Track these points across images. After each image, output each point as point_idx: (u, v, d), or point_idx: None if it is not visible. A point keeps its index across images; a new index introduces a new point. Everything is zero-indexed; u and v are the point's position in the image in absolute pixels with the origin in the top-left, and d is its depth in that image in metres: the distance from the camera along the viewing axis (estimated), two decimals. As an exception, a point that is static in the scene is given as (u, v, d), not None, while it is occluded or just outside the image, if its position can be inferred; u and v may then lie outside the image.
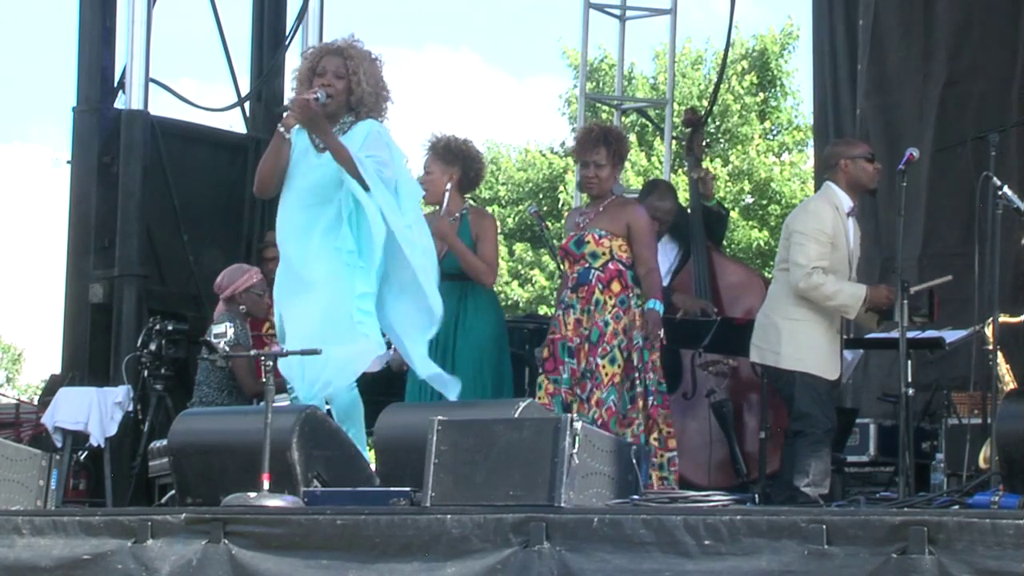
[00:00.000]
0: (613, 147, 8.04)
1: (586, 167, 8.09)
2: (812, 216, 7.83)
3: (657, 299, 7.92)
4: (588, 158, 8.05)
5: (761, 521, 5.32)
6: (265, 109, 11.67)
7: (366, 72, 7.29)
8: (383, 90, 7.36)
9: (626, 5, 12.96)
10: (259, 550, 6.11)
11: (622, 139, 8.25)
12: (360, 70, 7.27)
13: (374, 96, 7.30)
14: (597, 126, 8.43)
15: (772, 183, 26.66)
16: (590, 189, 8.13)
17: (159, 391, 9.68)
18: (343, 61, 7.29)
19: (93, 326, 10.50)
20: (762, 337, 7.86)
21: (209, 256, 10.91)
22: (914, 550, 5.05)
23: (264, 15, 11.73)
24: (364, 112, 7.30)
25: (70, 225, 10.80)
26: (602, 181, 8.06)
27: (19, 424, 12.52)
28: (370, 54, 7.37)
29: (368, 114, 7.30)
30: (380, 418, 6.94)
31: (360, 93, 7.27)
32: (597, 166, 8.04)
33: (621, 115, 14.01)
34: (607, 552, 5.49)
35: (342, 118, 7.30)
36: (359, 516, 6.00)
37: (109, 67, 10.87)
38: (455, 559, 5.72)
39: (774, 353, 7.80)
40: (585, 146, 8.07)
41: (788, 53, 27.93)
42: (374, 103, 7.32)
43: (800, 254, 7.72)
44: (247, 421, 7.07)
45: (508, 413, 6.42)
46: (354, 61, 7.29)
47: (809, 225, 7.79)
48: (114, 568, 6.38)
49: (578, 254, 8.00)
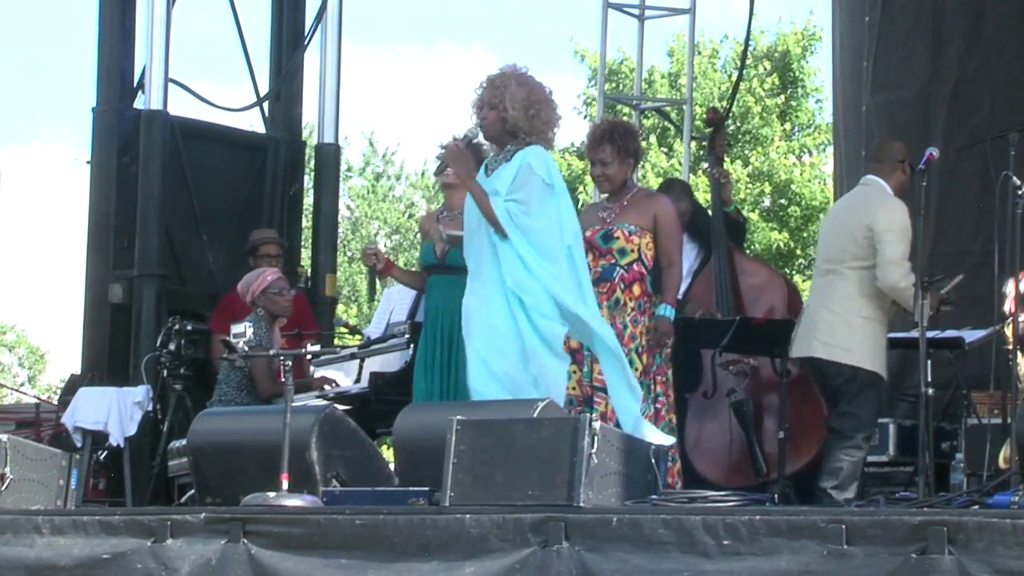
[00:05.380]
0: (618, 143, 7.99)
1: (593, 166, 8.08)
2: (897, 213, 7.84)
3: (670, 304, 7.91)
4: (594, 156, 8.03)
5: (780, 521, 5.31)
6: (284, 109, 11.68)
7: (512, 97, 7.29)
8: (538, 110, 7.33)
9: (645, 4, 12.94)
10: (278, 550, 6.12)
11: (628, 134, 8.17)
12: (506, 96, 7.30)
13: (526, 119, 7.30)
14: (604, 122, 8.36)
15: (792, 184, 26.62)
16: (601, 187, 8.12)
17: (178, 391, 9.68)
18: (493, 91, 7.34)
19: (113, 326, 10.51)
20: (828, 333, 7.80)
21: (228, 256, 10.92)
22: (934, 550, 5.03)
23: (283, 14, 11.73)
24: (523, 137, 7.32)
25: (90, 225, 10.82)
26: (610, 178, 8.02)
27: (39, 424, 12.55)
28: (518, 77, 7.37)
29: (527, 138, 7.31)
30: (399, 418, 6.94)
31: (512, 119, 7.30)
32: (603, 164, 8.01)
33: (640, 115, 14.00)
34: (626, 552, 5.49)
35: (506, 146, 7.36)
36: (378, 516, 6.00)
37: (128, 67, 10.88)
38: (474, 559, 5.72)
39: (845, 350, 7.77)
40: (591, 145, 8.06)
41: (810, 54, 27.88)
42: (530, 125, 7.31)
43: (894, 251, 7.71)
44: (266, 421, 7.08)
45: (527, 413, 6.41)
46: (500, 89, 7.33)
47: (896, 223, 7.79)
48: (134, 567, 6.40)
49: (605, 249, 7.95)
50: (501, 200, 7.19)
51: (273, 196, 11.36)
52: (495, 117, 7.31)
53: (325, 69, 11.66)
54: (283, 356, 7.50)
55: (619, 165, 8.00)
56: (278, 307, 9.30)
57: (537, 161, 7.24)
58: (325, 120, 11.74)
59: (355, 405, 8.58)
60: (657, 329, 7.85)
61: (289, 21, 11.73)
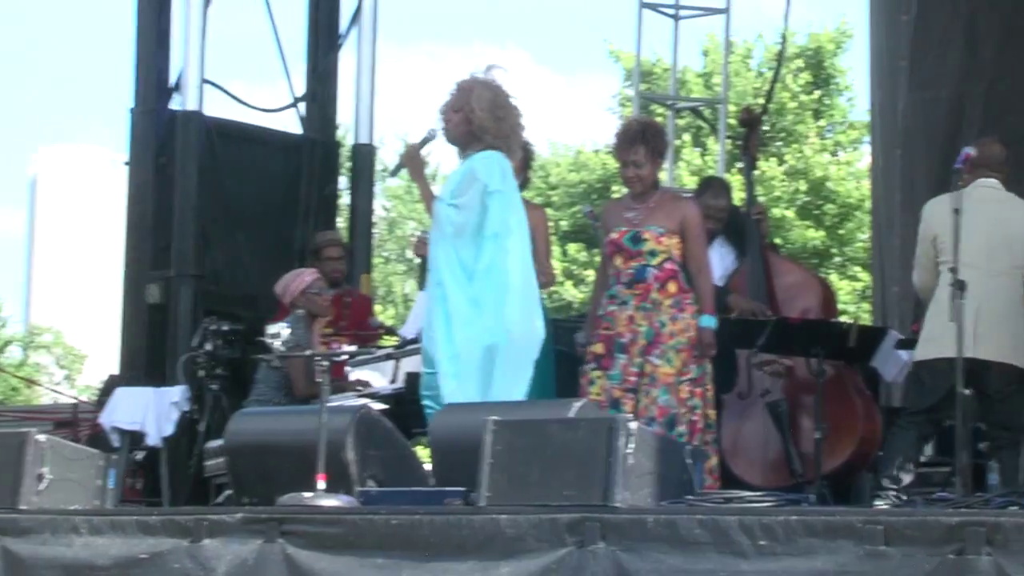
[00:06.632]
0: (651, 144, 8.00)
1: (626, 167, 8.05)
2: None
3: (710, 312, 7.92)
4: (627, 158, 8.02)
5: (817, 521, 5.30)
6: (319, 109, 11.69)
7: (478, 99, 7.41)
8: (505, 113, 7.46)
9: (679, 4, 12.93)
10: (314, 549, 6.13)
11: (660, 134, 8.17)
12: (472, 98, 7.41)
13: (493, 121, 7.41)
14: (635, 123, 8.32)
15: (827, 182, 26.55)
16: (633, 187, 8.09)
17: (215, 391, 9.72)
18: (459, 93, 7.47)
19: (150, 326, 10.53)
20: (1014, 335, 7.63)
21: (264, 256, 10.95)
22: (971, 551, 5.02)
23: (318, 15, 11.75)
24: (488, 139, 7.42)
25: (127, 226, 10.85)
26: (643, 179, 8.02)
27: (77, 424, 12.62)
28: (485, 82, 7.49)
29: (493, 141, 7.41)
30: (434, 418, 6.95)
31: (478, 121, 7.40)
32: (636, 165, 8.00)
33: (675, 115, 13.98)
34: (662, 552, 5.48)
35: (470, 148, 7.46)
36: (414, 516, 6.01)
37: (165, 69, 10.91)
38: (510, 559, 5.73)
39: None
40: (623, 145, 8.04)
41: (843, 51, 27.82)
42: (497, 128, 7.43)
43: None
44: (302, 421, 7.10)
45: (563, 413, 6.41)
46: (465, 92, 7.45)
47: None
48: (171, 567, 6.42)
49: (634, 250, 7.95)
50: (443, 204, 7.37)
51: (308, 197, 11.37)
52: (459, 119, 7.44)
53: (360, 69, 11.69)
54: (319, 357, 7.52)
55: (651, 166, 8.01)
56: (317, 307, 9.33)
57: (482, 167, 7.37)
58: (360, 120, 11.76)
59: (390, 405, 8.60)
60: (702, 341, 7.87)
61: (324, 21, 11.75)
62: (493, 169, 7.40)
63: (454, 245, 7.35)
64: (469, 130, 7.43)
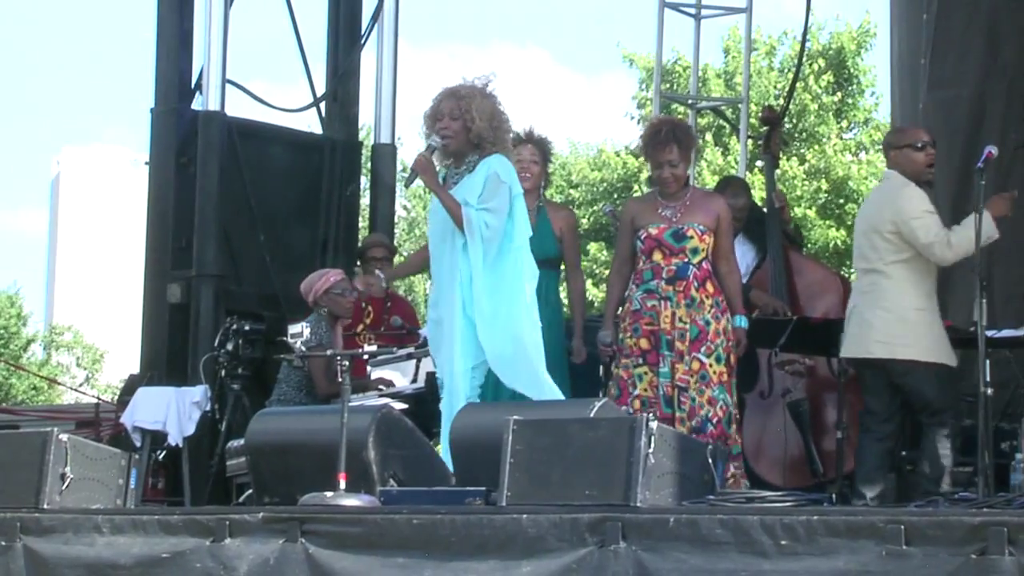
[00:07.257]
0: (683, 142, 8.02)
1: (660, 167, 8.03)
2: (915, 200, 7.77)
3: (742, 313, 8.00)
4: (661, 159, 8.00)
5: (839, 521, 5.29)
6: (340, 109, 11.71)
7: (479, 108, 7.46)
8: (501, 121, 7.52)
9: (701, 4, 12.91)
10: (336, 549, 6.14)
11: (688, 131, 8.24)
12: (472, 107, 7.44)
13: (491, 130, 7.46)
14: (664, 123, 8.30)
15: (849, 181, 26.51)
16: (668, 187, 8.07)
17: (236, 391, 9.74)
18: (457, 102, 7.47)
19: (171, 326, 10.55)
20: (884, 331, 7.73)
21: (285, 256, 10.96)
22: (994, 551, 5.01)
23: (339, 15, 11.76)
24: (487, 147, 7.47)
25: (148, 226, 10.87)
26: (678, 179, 8.04)
27: (99, 423, 12.65)
28: (483, 89, 7.54)
29: (492, 148, 7.47)
30: (456, 418, 6.95)
31: (477, 130, 7.43)
32: (671, 165, 8.00)
33: (696, 114, 13.96)
34: (683, 552, 5.48)
35: (467, 157, 7.50)
36: (435, 515, 6.01)
37: (186, 69, 10.94)
38: (531, 558, 5.73)
39: (905, 346, 7.72)
40: (656, 146, 8.02)
41: (865, 51, 27.76)
42: (494, 136, 7.48)
43: (927, 235, 7.66)
44: (324, 421, 7.10)
45: (584, 413, 6.41)
46: (466, 100, 7.47)
47: (915, 209, 7.73)
48: (192, 567, 6.43)
49: (677, 248, 7.95)
50: (473, 210, 7.37)
51: (330, 196, 11.39)
52: (459, 128, 7.46)
53: (381, 69, 11.70)
54: (340, 356, 7.53)
55: (684, 164, 8.04)
56: (341, 308, 9.35)
57: (503, 169, 7.43)
58: (381, 120, 11.78)
59: (411, 405, 8.60)
60: (739, 341, 7.96)
61: (345, 21, 11.76)
62: (512, 173, 7.49)
63: (481, 250, 7.36)
64: (467, 139, 7.48)
